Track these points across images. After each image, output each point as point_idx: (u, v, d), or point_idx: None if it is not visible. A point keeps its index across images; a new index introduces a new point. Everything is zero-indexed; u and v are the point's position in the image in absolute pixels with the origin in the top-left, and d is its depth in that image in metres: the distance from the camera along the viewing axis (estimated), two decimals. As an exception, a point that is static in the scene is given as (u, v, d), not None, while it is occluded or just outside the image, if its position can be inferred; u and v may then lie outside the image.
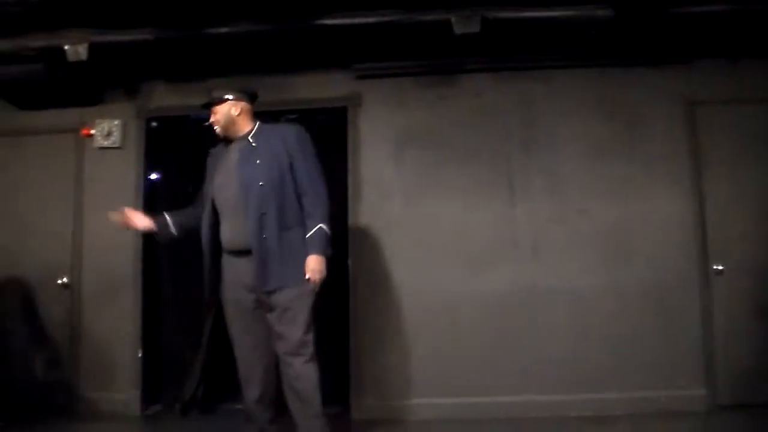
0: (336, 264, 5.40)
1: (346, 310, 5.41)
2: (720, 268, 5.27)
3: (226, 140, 4.15)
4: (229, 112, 4.09)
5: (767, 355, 5.19)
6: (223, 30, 4.95)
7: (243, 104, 4.11)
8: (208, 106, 4.16)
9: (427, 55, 5.38)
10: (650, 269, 5.27)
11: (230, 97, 4.09)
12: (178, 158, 5.85)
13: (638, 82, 5.44)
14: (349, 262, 5.41)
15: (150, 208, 5.65)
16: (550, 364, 5.16)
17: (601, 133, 5.41)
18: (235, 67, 5.48)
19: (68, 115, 5.83)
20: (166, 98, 5.75)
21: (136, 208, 5.50)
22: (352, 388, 5.33)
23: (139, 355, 5.54)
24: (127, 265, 5.63)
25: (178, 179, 5.79)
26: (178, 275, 5.74)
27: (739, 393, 5.17)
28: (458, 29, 4.74)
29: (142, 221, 4.26)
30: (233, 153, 4.09)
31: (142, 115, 5.77)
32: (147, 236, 5.58)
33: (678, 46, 5.34)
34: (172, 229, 4.26)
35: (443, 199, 5.39)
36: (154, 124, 5.84)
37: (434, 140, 5.34)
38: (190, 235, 4.30)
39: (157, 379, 5.71)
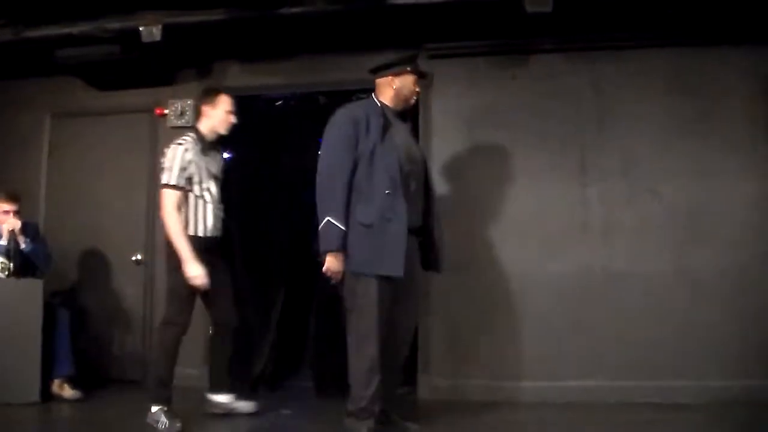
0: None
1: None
2: (796, 252, 5.22)
3: (383, 111, 4.14)
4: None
5: None
6: (296, 10, 5.12)
7: None
8: (423, 76, 4.32)
9: (498, 35, 5.45)
10: (726, 253, 5.23)
11: None
12: (250, 138, 5.98)
13: (716, 61, 5.41)
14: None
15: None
16: (621, 349, 5.19)
17: (677, 113, 5.40)
18: (307, 46, 5.67)
19: (143, 96, 6.10)
20: (238, 78, 5.94)
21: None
22: (420, 368, 5.46)
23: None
24: (198, 242, 5.84)
25: (250, 158, 5.99)
26: (249, 253, 5.92)
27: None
28: (530, 8, 4.79)
29: None
30: (402, 129, 4.19)
31: (216, 94, 5.96)
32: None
33: (759, 23, 5.25)
34: None
35: (515, 180, 5.46)
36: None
37: (506, 120, 5.40)
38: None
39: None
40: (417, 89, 4.22)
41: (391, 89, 4.16)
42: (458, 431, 4.57)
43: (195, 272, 4.42)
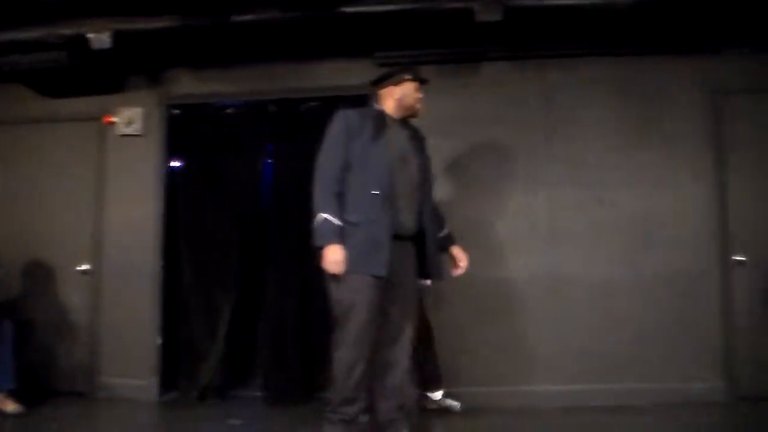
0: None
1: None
2: (741, 258, 5.41)
3: (381, 115, 4.25)
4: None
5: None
6: (248, 18, 5.14)
7: None
8: (424, 82, 4.38)
9: (449, 44, 5.55)
10: (671, 259, 5.40)
11: None
12: (200, 146, 6.04)
13: (663, 70, 5.59)
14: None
15: (171, 196, 5.91)
16: (570, 354, 5.30)
17: (625, 121, 5.57)
18: (259, 54, 5.70)
19: (91, 103, 6.05)
20: (189, 86, 5.95)
21: (156, 196, 5.79)
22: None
23: (158, 341, 5.74)
24: (146, 252, 5.83)
25: (200, 167, 6.00)
26: (198, 262, 5.93)
27: (758, 385, 5.28)
28: (480, 17, 4.90)
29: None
30: (401, 136, 4.25)
31: (164, 102, 5.97)
32: (166, 223, 5.85)
33: (704, 35, 5.47)
34: None
35: (466, 187, 5.55)
36: (176, 111, 6.02)
37: (456, 128, 5.47)
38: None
39: (175, 365, 5.90)
40: (419, 95, 4.30)
41: (392, 99, 4.25)
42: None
43: None
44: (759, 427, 4.79)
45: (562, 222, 5.46)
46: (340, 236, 3.92)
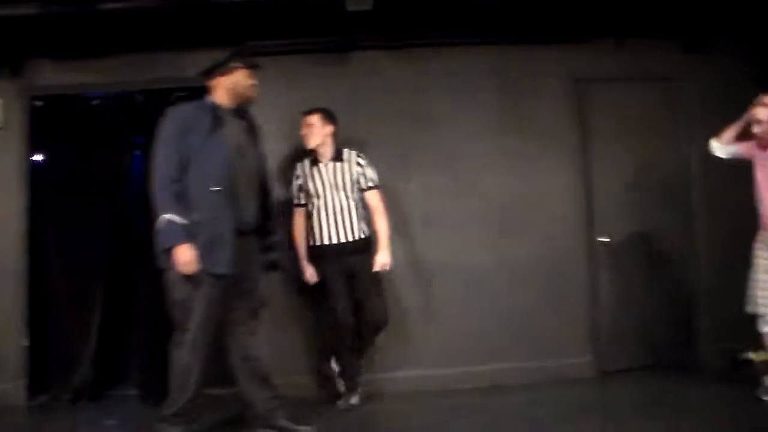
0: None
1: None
2: (605, 240, 5.70)
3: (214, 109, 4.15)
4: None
5: (647, 322, 5.69)
6: (114, 6, 4.97)
7: None
8: (255, 67, 4.31)
9: (320, 33, 5.54)
10: (541, 243, 5.62)
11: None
12: (66, 139, 5.83)
13: (529, 59, 5.78)
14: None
15: (36, 191, 5.68)
16: (444, 338, 5.43)
17: (494, 109, 5.73)
18: (125, 44, 5.52)
19: (-55, 95, 5.72)
20: (53, 76, 5.67)
21: (19, 191, 5.56)
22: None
23: (24, 343, 5.50)
24: (9, 250, 5.55)
25: (67, 160, 5.79)
26: (66, 259, 5.74)
27: (622, 359, 5.64)
28: (351, 6, 4.91)
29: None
30: (238, 128, 4.20)
31: (25, 94, 5.68)
32: (31, 220, 5.62)
33: (567, 25, 5.69)
34: None
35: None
36: (38, 103, 5.75)
37: None
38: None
39: (45, 368, 5.67)
40: (252, 82, 4.24)
41: (224, 89, 4.17)
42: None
43: None
44: (625, 398, 5.07)
45: (435, 209, 5.57)
46: (187, 235, 3.84)
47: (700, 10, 5.48)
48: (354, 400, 4.99)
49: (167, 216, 3.83)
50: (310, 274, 5.06)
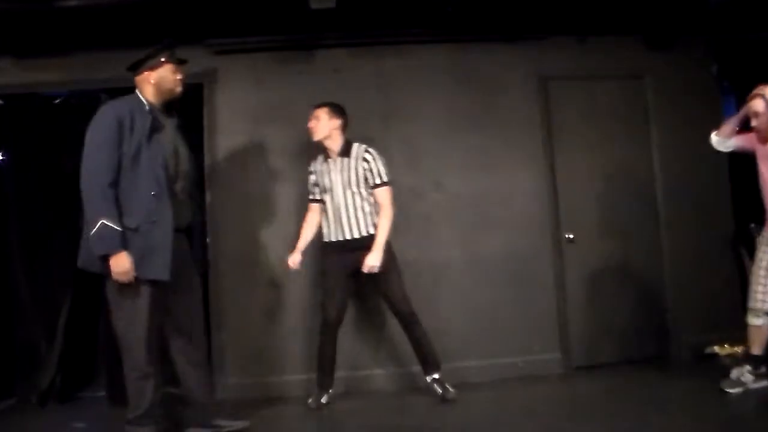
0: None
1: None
2: (571, 236, 5.74)
3: (150, 109, 4.10)
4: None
5: (613, 318, 5.74)
6: (73, 3, 4.93)
7: None
8: (181, 63, 4.28)
9: (284, 31, 5.52)
10: (507, 239, 5.65)
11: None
12: (29, 138, 5.76)
13: (494, 57, 5.80)
14: (208, 240, 5.50)
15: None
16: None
17: (458, 107, 5.73)
18: (86, 41, 5.45)
19: None
20: (11, 74, 5.57)
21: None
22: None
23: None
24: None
25: (30, 160, 5.73)
26: (31, 260, 5.69)
27: (590, 354, 5.69)
28: (314, 4, 4.91)
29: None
30: (170, 126, 4.16)
31: (-16, 92, 5.63)
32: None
33: (531, 23, 5.70)
34: None
35: (302, 174, 5.45)
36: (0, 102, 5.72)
37: (292, 116, 5.39)
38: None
39: (11, 371, 5.65)
40: (179, 77, 4.19)
41: (150, 84, 4.11)
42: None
43: None
44: (593, 393, 5.08)
45: (400, 207, 5.47)
46: (123, 241, 3.77)
47: (661, 6, 5.52)
48: (324, 398, 5.00)
49: (102, 220, 3.73)
50: (293, 261, 5.00)
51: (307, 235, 5.08)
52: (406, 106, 5.67)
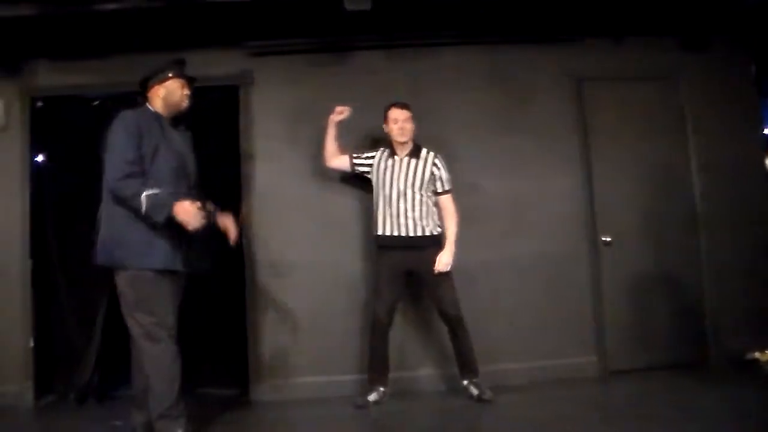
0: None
1: (241, 292, 5.59)
2: (608, 239, 5.70)
3: (159, 118, 4.27)
4: None
5: (650, 322, 5.69)
6: (112, 6, 5.00)
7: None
8: (190, 80, 4.43)
9: (319, 33, 5.57)
10: (542, 242, 5.64)
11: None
12: (68, 139, 5.82)
13: (528, 58, 5.79)
14: (243, 242, 5.53)
15: (37, 192, 5.70)
16: (442, 338, 5.38)
17: (493, 109, 5.73)
18: (124, 44, 5.55)
19: (-53, 95, 5.72)
20: (53, 77, 5.72)
21: (22, 192, 5.58)
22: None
23: (31, 344, 5.55)
24: (13, 251, 5.60)
25: (68, 161, 5.79)
26: (70, 259, 5.77)
27: (626, 359, 5.63)
28: (349, 6, 4.93)
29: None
30: (178, 140, 4.31)
31: (26, 94, 5.72)
32: (34, 221, 5.65)
33: (565, 24, 5.69)
34: None
35: (336, 177, 5.57)
36: (39, 104, 5.79)
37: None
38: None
39: (51, 368, 5.75)
40: (186, 92, 4.32)
41: (158, 98, 4.26)
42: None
43: None
44: (628, 397, 5.03)
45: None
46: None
47: (697, 6, 5.48)
48: (372, 396, 5.05)
49: (144, 194, 3.92)
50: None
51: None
52: (440, 107, 5.66)
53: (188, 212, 3.94)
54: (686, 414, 4.42)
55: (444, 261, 5.02)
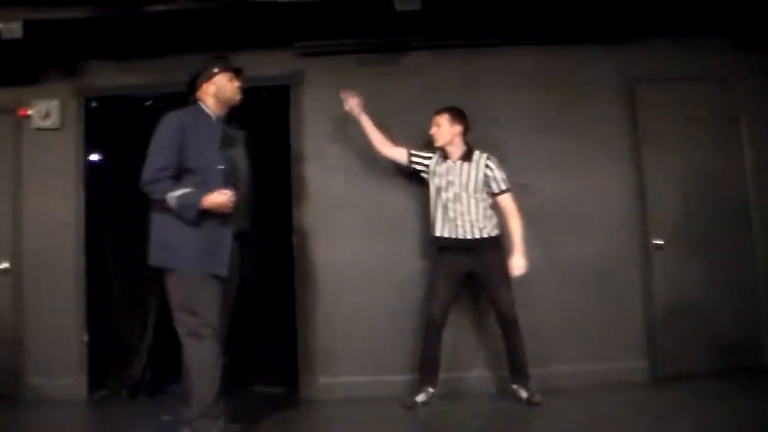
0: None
1: (291, 291, 5.63)
2: (660, 242, 5.61)
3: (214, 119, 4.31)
4: None
5: (702, 326, 5.57)
6: (161, 8, 5.08)
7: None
8: (237, 72, 4.45)
9: (368, 33, 5.57)
10: (593, 244, 5.57)
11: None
12: (121, 139, 5.92)
13: (580, 58, 5.71)
14: (293, 240, 5.61)
15: (91, 191, 5.81)
16: (493, 340, 5.39)
17: (544, 109, 5.67)
18: (175, 45, 5.60)
19: (5, 95, 5.83)
20: (106, 77, 5.82)
21: (77, 191, 5.68)
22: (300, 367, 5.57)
23: (85, 339, 5.68)
24: (69, 248, 5.72)
25: (121, 160, 5.85)
26: (123, 257, 5.89)
27: (678, 364, 5.53)
28: (399, 6, 4.95)
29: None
30: (231, 137, 4.35)
31: (81, 94, 5.83)
32: (89, 220, 5.76)
33: (620, 25, 5.61)
34: None
35: (387, 176, 5.58)
36: (93, 104, 5.91)
37: (377, 118, 5.38)
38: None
39: (103, 363, 5.89)
40: (236, 84, 4.35)
41: (209, 96, 4.28)
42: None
43: None
44: (678, 404, 4.96)
45: (486, 209, 5.52)
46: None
47: (750, 5, 5.36)
48: (421, 397, 5.07)
49: (175, 195, 4.01)
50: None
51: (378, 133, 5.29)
52: (491, 108, 5.61)
53: (214, 201, 3.99)
54: (737, 422, 4.34)
55: (518, 264, 5.04)
